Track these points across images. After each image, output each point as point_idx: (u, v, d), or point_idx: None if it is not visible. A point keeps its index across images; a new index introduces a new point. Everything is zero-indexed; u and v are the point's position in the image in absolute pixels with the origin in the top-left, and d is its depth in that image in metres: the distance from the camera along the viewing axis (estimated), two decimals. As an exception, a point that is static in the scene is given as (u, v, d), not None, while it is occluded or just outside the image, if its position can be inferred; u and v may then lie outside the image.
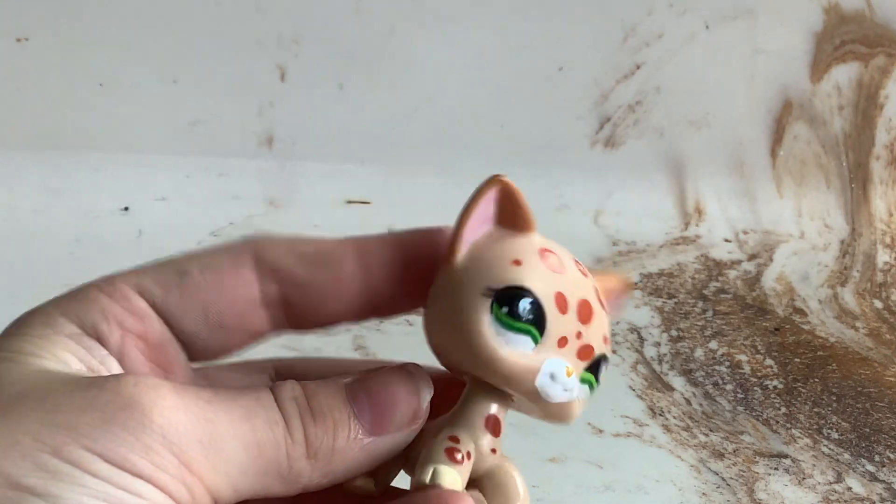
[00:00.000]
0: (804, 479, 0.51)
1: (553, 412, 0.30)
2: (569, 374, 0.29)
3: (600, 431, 0.53)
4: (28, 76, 0.77)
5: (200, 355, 0.29)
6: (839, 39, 0.85)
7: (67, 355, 0.26)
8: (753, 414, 0.57)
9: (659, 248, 0.81)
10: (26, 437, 0.23)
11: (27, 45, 0.77)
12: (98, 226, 0.76)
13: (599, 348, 0.30)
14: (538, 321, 0.29)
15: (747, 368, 0.63)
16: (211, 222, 0.78)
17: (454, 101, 0.84)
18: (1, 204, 0.75)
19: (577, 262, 0.31)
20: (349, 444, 0.28)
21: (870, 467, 0.53)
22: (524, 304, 0.29)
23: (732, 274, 0.78)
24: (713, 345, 0.66)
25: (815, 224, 0.86)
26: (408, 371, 0.29)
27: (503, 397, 0.31)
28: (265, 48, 0.80)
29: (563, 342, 0.30)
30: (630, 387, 0.59)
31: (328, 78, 0.81)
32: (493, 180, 0.30)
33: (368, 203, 0.82)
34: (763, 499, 0.49)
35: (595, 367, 0.30)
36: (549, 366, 0.29)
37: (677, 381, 0.60)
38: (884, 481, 0.51)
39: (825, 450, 0.54)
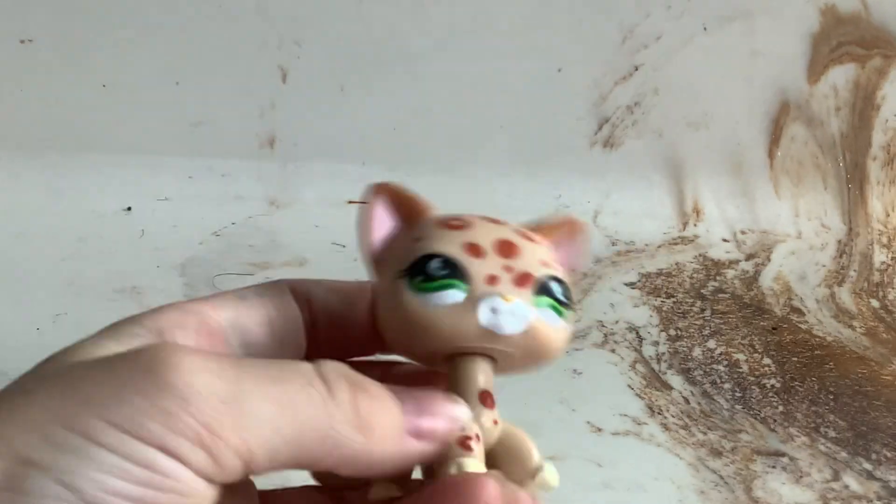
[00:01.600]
0: (801, 477, 0.51)
1: (531, 349, 0.31)
2: (509, 301, 0.30)
3: (599, 430, 0.54)
4: (32, 78, 0.78)
5: None
6: (836, 41, 0.85)
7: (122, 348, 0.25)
8: (751, 412, 0.57)
9: (657, 248, 0.81)
10: (39, 410, 0.23)
11: (31, 46, 0.77)
12: (101, 226, 0.76)
13: (539, 271, 0.31)
14: (455, 272, 0.30)
15: (745, 367, 0.63)
16: (213, 222, 0.78)
17: (454, 101, 0.84)
18: (4, 204, 0.75)
19: (492, 219, 0.32)
20: (393, 432, 0.27)
21: (866, 465, 0.53)
22: (433, 264, 0.30)
23: (730, 273, 0.78)
24: (711, 344, 0.66)
25: (812, 224, 0.87)
26: (452, 396, 0.30)
27: (484, 370, 0.31)
28: (267, 50, 0.80)
29: (492, 279, 0.30)
30: (629, 385, 0.59)
31: (329, 79, 0.81)
32: (373, 191, 0.32)
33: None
34: (761, 497, 0.49)
35: (545, 290, 0.31)
36: (485, 303, 0.30)
37: (676, 380, 0.61)
38: (880, 479, 0.52)
39: (822, 448, 0.54)
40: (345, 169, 0.83)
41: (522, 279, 0.31)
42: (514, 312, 0.30)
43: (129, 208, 0.78)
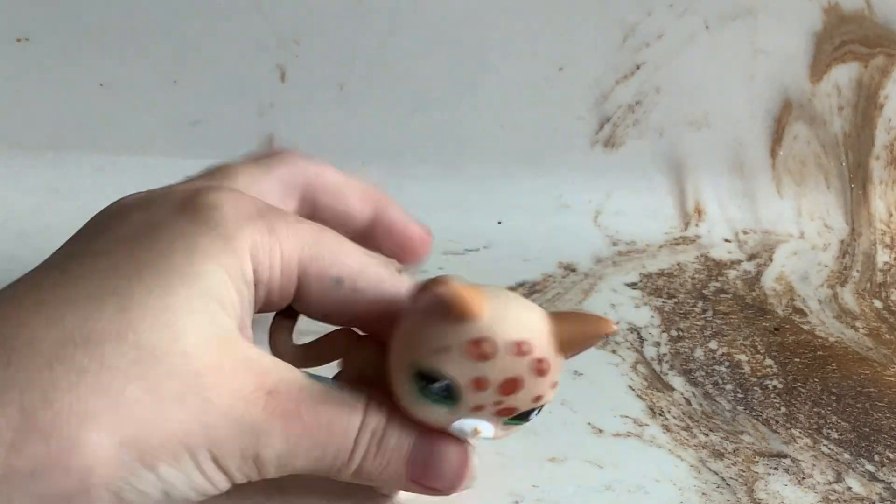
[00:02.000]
0: (804, 478, 0.51)
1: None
2: (477, 434, 0.35)
3: (600, 431, 0.54)
4: (29, 77, 0.77)
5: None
6: (839, 39, 0.85)
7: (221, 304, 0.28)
8: (753, 414, 0.57)
9: (659, 248, 0.81)
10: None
11: (27, 45, 0.77)
12: (98, 226, 0.76)
13: (527, 406, 0.36)
14: (450, 398, 0.34)
15: (747, 368, 0.63)
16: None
17: (454, 101, 0.84)
18: (1, 204, 0.75)
19: (522, 343, 0.35)
20: (394, 481, 0.32)
21: (869, 467, 0.53)
22: (436, 387, 0.34)
23: (732, 274, 0.78)
24: (713, 345, 0.66)
25: (814, 224, 0.86)
26: (466, 451, 0.36)
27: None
28: (265, 49, 0.80)
29: (478, 409, 0.35)
30: (630, 387, 0.59)
31: (328, 78, 0.81)
32: (439, 286, 0.34)
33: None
34: (763, 498, 0.49)
35: (520, 417, 0.36)
36: (459, 425, 0.35)
37: (677, 381, 0.60)
38: (883, 481, 0.51)
39: (825, 449, 0.54)
40: (344, 168, 0.83)
41: (504, 412, 0.36)
42: (478, 438, 0.36)
43: (127, 208, 0.78)
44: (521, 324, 0.36)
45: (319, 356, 0.44)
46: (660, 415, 0.56)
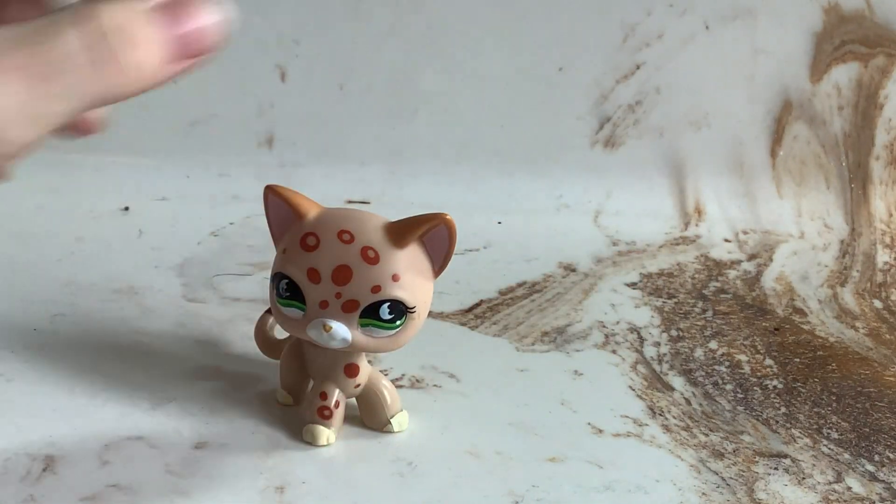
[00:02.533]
0: (804, 478, 0.51)
1: (362, 350, 0.41)
2: (327, 330, 0.38)
3: (600, 431, 0.54)
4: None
5: None
6: (839, 39, 0.85)
7: None
8: (753, 414, 0.57)
9: (659, 248, 0.81)
10: None
11: (28, 45, 0.77)
12: (99, 226, 0.76)
13: (367, 298, 0.38)
14: (295, 294, 0.39)
15: (747, 368, 0.63)
16: (211, 222, 0.78)
17: (454, 101, 0.84)
18: (1, 204, 0.75)
19: (346, 231, 0.39)
20: (155, 67, 0.26)
21: (869, 467, 0.53)
22: (282, 285, 0.40)
23: (732, 274, 0.78)
24: (713, 345, 0.66)
25: (814, 224, 0.86)
26: None
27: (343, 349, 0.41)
28: (265, 48, 0.80)
29: (323, 304, 0.39)
30: (630, 387, 0.59)
31: (328, 78, 0.81)
32: (264, 192, 0.41)
33: (368, 203, 0.82)
34: (763, 498, 0.49)
35: (369, 313, 0.39)
36: (311, 327, 0.39)
37: (677, 381, 0.60)
38: (883, 481, 0.51)
39: (825, 450, 0.54)
40: (344, 169, 0.83)
41: (348, 306, 0.39)
42: (332, 336, 0.39)
43: (127, 208, 0.78)
44: (346, 217, 0.41)
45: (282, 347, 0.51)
46: (660, 415, 0.56)
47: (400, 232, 0.40)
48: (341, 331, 0.39)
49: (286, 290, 0.40)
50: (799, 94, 0.87)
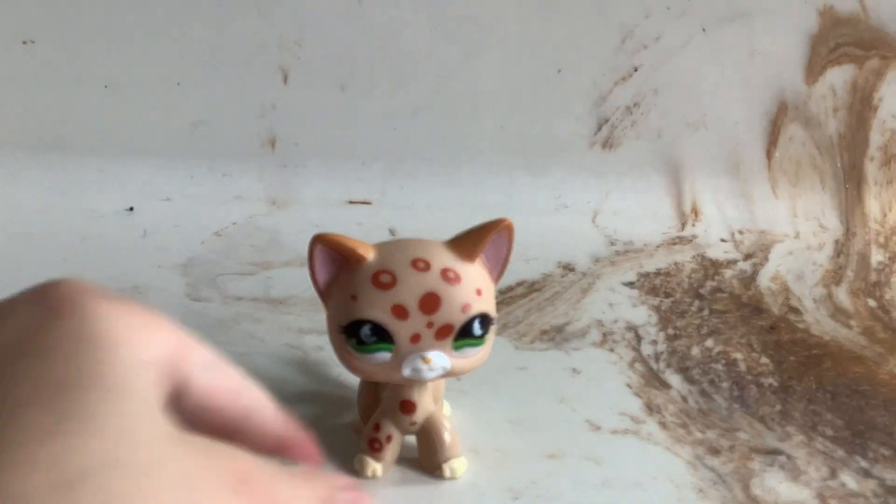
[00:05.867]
0: (799, 475, 0.52)
1: (454, 375, 0.39)
2: (427, 362, 0.37)
3: (598, 428, 0.54)
4: (34, 78, 0.78)
5: None
6: (834, 42, 0.86)
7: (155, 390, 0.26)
8: (749, 411, 0.58)
9: (656, 248, 0.82)
10: None
11: (33, 47, 0.77)
12: (103, 226, 0.76)
13: (459, 319, 0.37)
14: (382, 337, 0.37)
15: (743, 366, 0.63)
16: (214, 222, 0.78)
17: (454, 101, 0.84)
18: (7, 204, 0.76)
19: (420, 260, 0.37)
20: None
21: (863, 464, 0.53)
22: (364, 331, 0.37)
23: (728, 273, 0.78)
24: (709, 343, 0.66)
25: (809, 224, 0.87)
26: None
27: (410, 385, 0.40)
28: (267, 50, 0.80)
29: (415, 339, 0.37)
30: (627, 384, 0.60)
31: (330, 79, 0.82)
32: (312, 242, 0.38)
33: (369, 203, 0.82)
34: (758, 495, 0.49)
35: (464, 334, 0.37)
36: (407, 364, 0.37)
37: (674, 379, 0.61)
38: (877, 477, 0.52)
39: (819, 446, 0.55)
40: (345, 169, 0.83)
41: (443, 332, 0.37)
42: (432, 368, 0.37)
43: (131, 208, 0.78)
44: (411, 246, 0.39)
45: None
46: (657, 412, 0.56)
47: (468, 246, 0.39)
48: (441, 359, 0.38)
49: (371, 334, 0.37)
50: (794, 95, 0.87)
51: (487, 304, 0.39)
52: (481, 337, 0.39)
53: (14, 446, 0.21)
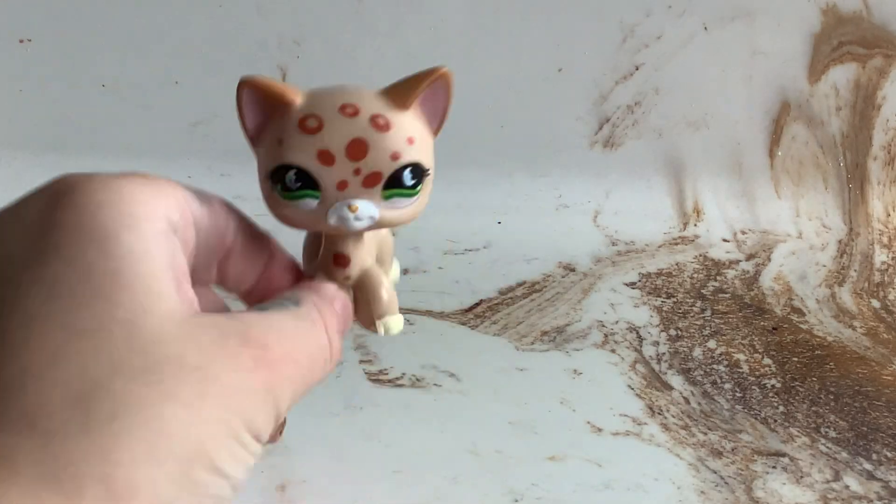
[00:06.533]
0: (802, 477, 0.51)
1: (385, 226, 0.37)
2: (353, 210, 0.35)
3: (599, 430, 0.54)
4: (31, 77, 0.78)
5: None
6: (837, 41, 0.85)
7: (165, 260, 0.28)
8: (751, 413, 0.57)
9: (657, 248, 0.81)
10: (219, 420, 0.26)
11: (30, 46, 0.77)
12: (100, 226, 0.76)
13: (388, 167, 0.35)
14: (307, 182, 0.35)
15: (745, 367, 0.63)
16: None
17: (454, 101, 0.84)
18: (3, 204, 0.75)
19: (349, 105, 0.35)
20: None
21: (867, 466, 0.53)
22: (289, 177, 0.35)
23: (731, 274, 0.78)
24: (711, 344, 0.66)
25: (812, 224, 0.87)
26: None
27: (343, 237, 0.39)
28: (266, 49, 0.80)
29: (342, 185, 0.35)
30: (629, 386, 0.59)
31: (329, 79, 0.81)
32: (239, 86, 0.36)
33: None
34: (761, 497, 0.49)
35: (393, 182, 0.36)
36: (333, 211, 0.35)
37: (676, 380, 0.61)
38: (881, 480, 0.52)
39: (823, 448, 0.54)
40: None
41: (371, 179, 0.35)
42: (358, 217, 0.36)
43: (129, 208, 0.78)
44: (342, 91, 0.37)
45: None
46: (658, 414, 0.56)
47: (402, 93, 0.37)
48: (368, 208, 0.36)
49: (296, 180, 0.35)
50: (797, 94, 0.87)
51: (420, 154, 0.37)
52: (413, 187, 0.37)
53: (31, 366, 0.23)
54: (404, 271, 0.71)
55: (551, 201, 0.85)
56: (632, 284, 0.75)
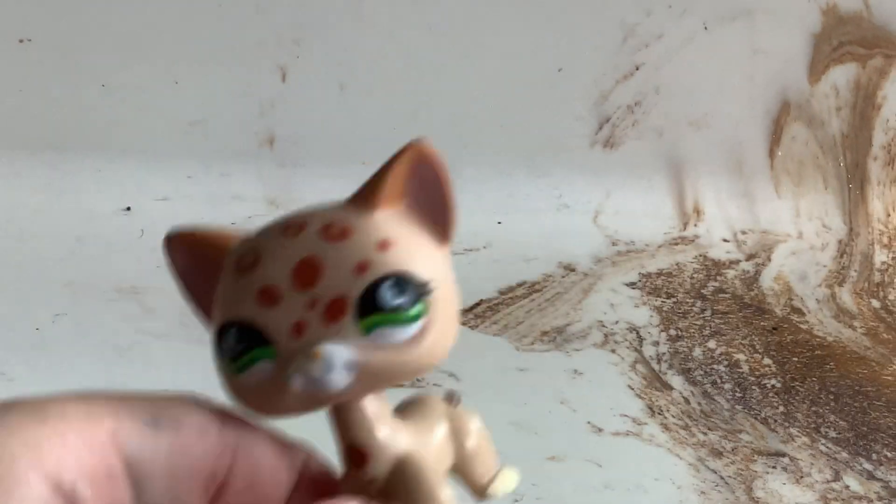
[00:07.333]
0: (802, 477, 0.51)
1: (384, 377, 0.25)
2: (315, 357, 0.24)
3: (600, 430, 0.54)
4: (31, 77, 0.78)
5: None
6: (837, 41, 0.85)
7: None
8: (752, 413, 0.57)
9: (658, 248, 0.81)
10: None
11: (30, 46, 0.77)
12: (100, 226, 0.76)
13: (354, 286, 0.24)
14: (253, 339, 0.25)
15: (745, 367, 0.63)
16: (212, 222, 0.78)
17: (454, 101, 0.84)
18: (3, 204, 0.75)
19: (293, 222, 0.25)
20: None
21: (867, 466, 0.53)
22: (229, 341, 0.25)
23: (731, 274, 0.78)
24: (712, 344, 0.66)
25: (812, 224, 0.87)
26: None
27: (348, 419, 0.26)
28: (266, 49, 0.80)
29: (298, 328, 0.24)
30: (629, 386, 0.59)
31: (329, 78, 0.81)
32: (164, 246, 0.26)
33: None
34: (761, 497, 0.49)
35: (369, 306, 0.24)
36: (294, 369, 0.24)
37: (676, 380, 0.61)
38: (881, 479, 0.52)
39: (823, 448, 0.54)
40: (345, 169, 0.83)
41: (333, 309, 0.24)
42: (328, 367, 0.24)
43: (129, 208, 0.78)
44: (293, 214, 0.26)
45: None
46: (659, 414, 0.56)
47: (365, 190, 0.26)
48: (337, 351, 0.24)
49: (238, 340, 0.25)
50: (797, 94, 0.87)
51: (404, 260, 0.25)
52: (403, 308, 0.25)
53: None
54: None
55: (551, 201, 0.85)
56: (632, 284, 0.75)
